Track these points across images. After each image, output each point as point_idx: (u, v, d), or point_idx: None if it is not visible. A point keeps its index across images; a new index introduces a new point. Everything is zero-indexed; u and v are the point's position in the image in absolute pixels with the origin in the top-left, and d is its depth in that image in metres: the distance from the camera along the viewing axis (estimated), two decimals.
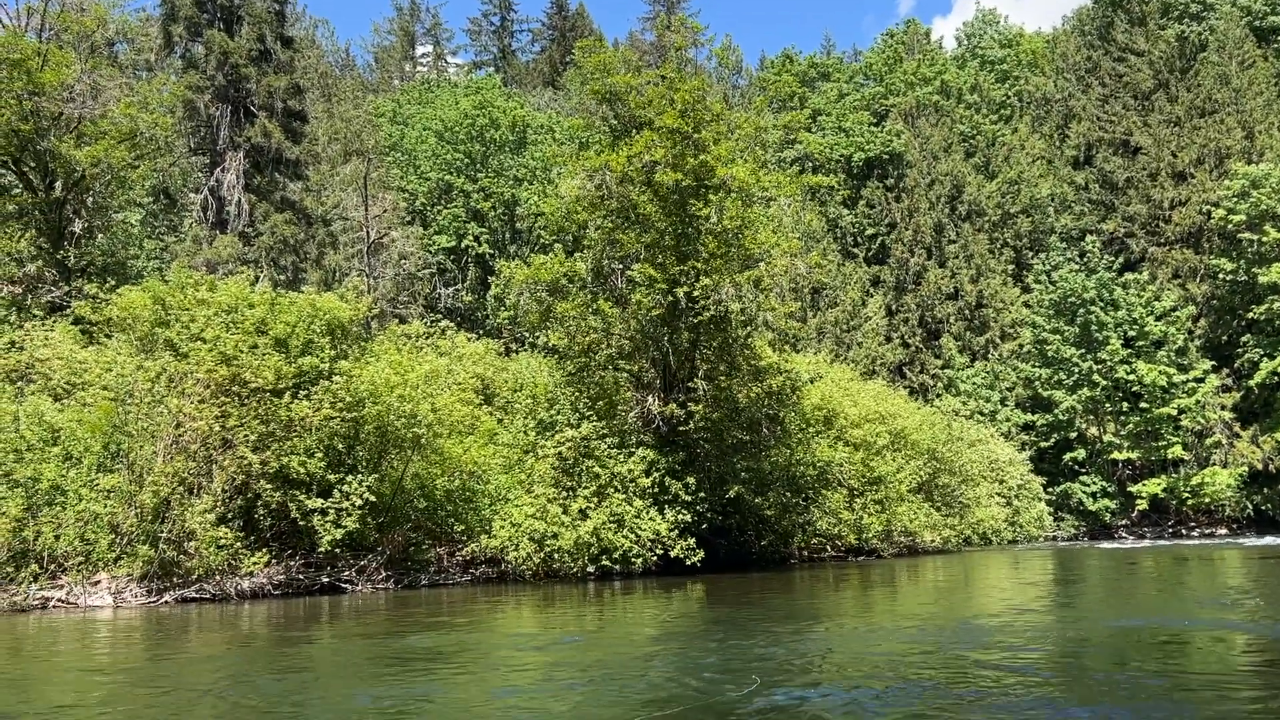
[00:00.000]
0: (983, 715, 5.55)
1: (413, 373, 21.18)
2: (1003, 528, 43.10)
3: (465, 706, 6.38)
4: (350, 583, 19.27)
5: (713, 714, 5.77)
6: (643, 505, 22.08)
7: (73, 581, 16.67)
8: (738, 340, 24.85)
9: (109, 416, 17.91)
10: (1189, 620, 10.98)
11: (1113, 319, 52.54)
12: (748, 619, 11.85)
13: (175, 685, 7.87)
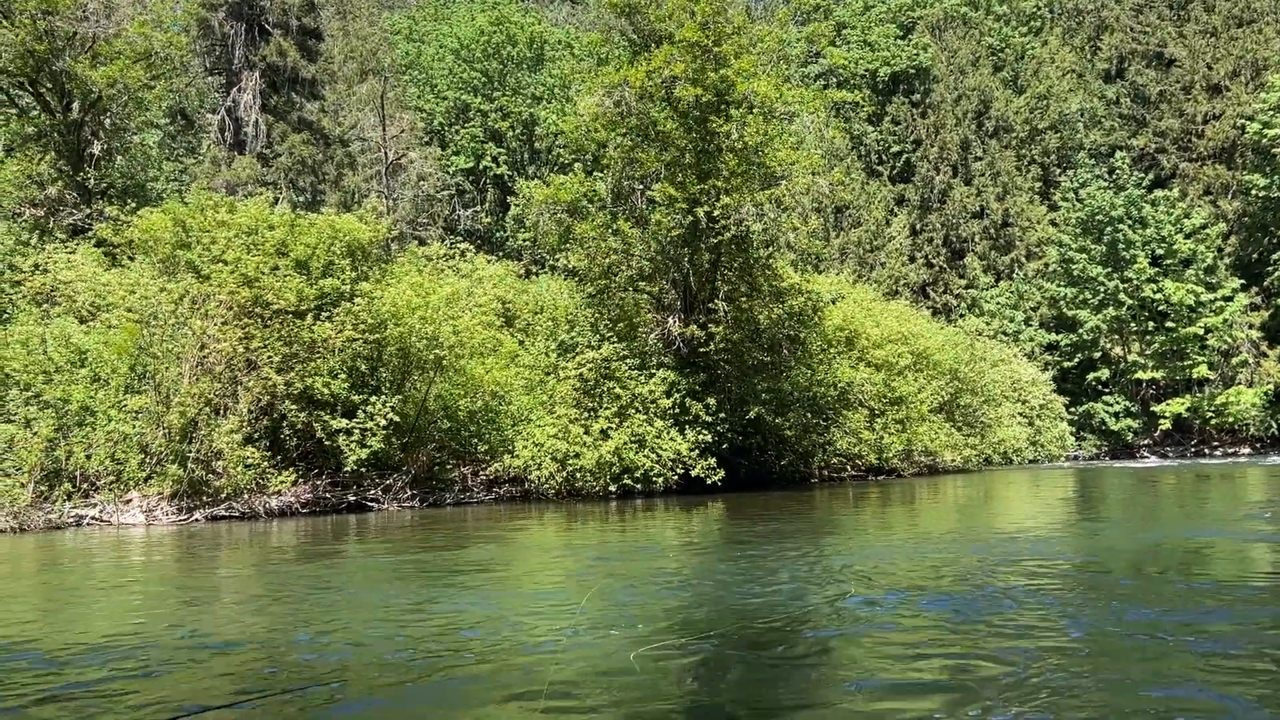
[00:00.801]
0: (1013, 615, 5.62)
1: (433, 295, 21.23)
2: (1024, 447, 43.18)
3: (507, 607, 6.52)
4: (376, 501, 19.58)
5: (747, 621, 5.86)
6: (663, 426, 22.22)
7: (105, 500, 17.03)
8: (759, 261, 24.67)
9: (134, 338, 18.09)
10: (1216, 531, 11.02)
11: (1141, 237, 51.74)
12: (769, 532, 11.99)
13: (214, 595, 8.08)
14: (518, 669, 4.97)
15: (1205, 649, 5.04)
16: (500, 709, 4.28)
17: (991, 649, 5.12)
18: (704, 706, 4.21)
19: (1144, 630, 5.55)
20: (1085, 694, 4.21)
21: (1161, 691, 4.27)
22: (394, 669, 5.03)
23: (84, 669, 5.15)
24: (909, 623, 5.98)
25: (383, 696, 4.54)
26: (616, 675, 4.71)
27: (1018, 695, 4.16)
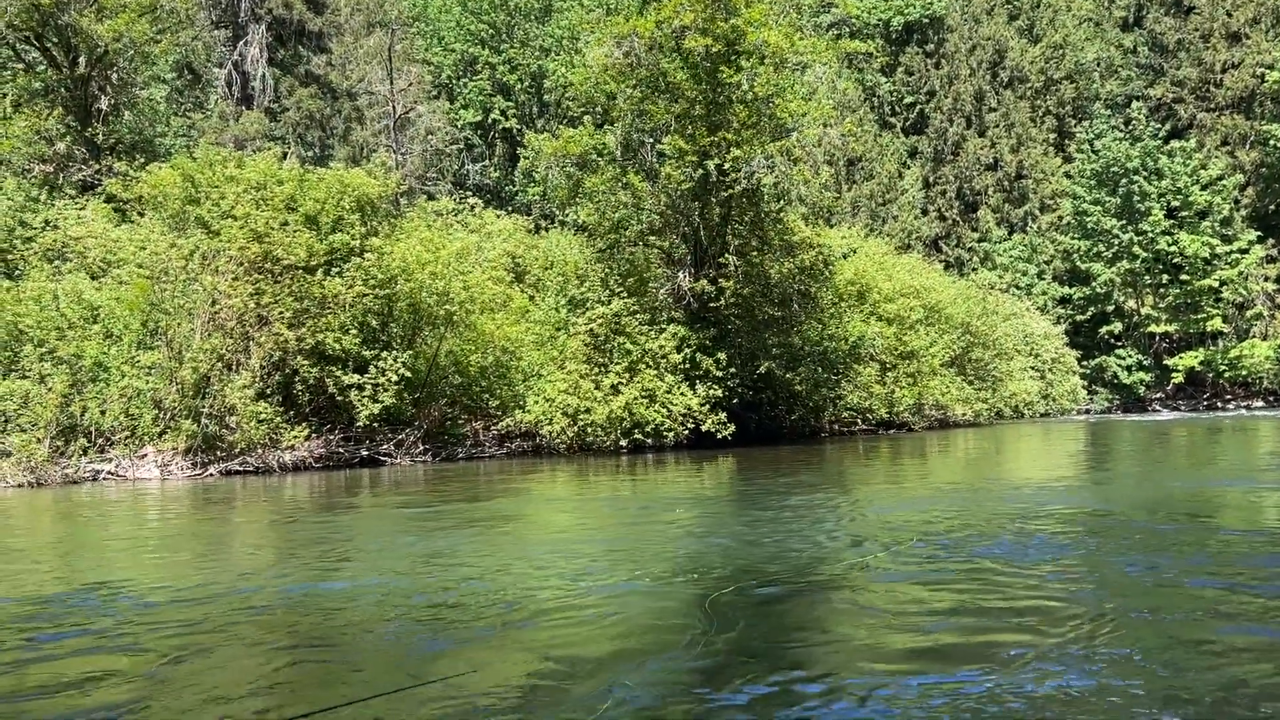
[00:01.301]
0: (1030, 561, 5.65)
1: (443, 250, 21.19)
2: (1035, 401, 43.11)
3: (524, 556, 6.58)
4: (389, 456, 19.72)
5: (753, 571, 5.89)
6: (674, 381, 22.24)
7: (120, 455, 17.18)
8: (770, 214, 24.51)
9: (145, 294, 18.15)
10: (1227, 481, 11.01)
11: (1156, 189, 51.15)
12: (778, 485, 12.04)
13: (230, 546, 8.17)
14: (574, 612, 5.02)
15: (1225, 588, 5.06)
16: (557, 649, 4.32)
17: (1031, 591, 5.15)
18: (778, 646, 4.25)
19: (1157, 573, 5.58)
20: (1119, 636, 4.24)
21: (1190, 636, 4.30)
22: (421, 613, 5.09)
23: (95, 615, 5.23)
24: (947, 568, 6.02)
25: (411, 639, 4.60)
26: (688, 616, 4.77)
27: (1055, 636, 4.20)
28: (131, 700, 3.71)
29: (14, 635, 4.93)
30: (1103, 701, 3.39)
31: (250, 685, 3.90)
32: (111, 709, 3.62)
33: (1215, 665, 3.89)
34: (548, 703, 3.52)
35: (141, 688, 3.89)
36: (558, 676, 3.90)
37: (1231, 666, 3.87)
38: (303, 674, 4.13)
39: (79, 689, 3.91)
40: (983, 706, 3.34)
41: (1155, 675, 3.73)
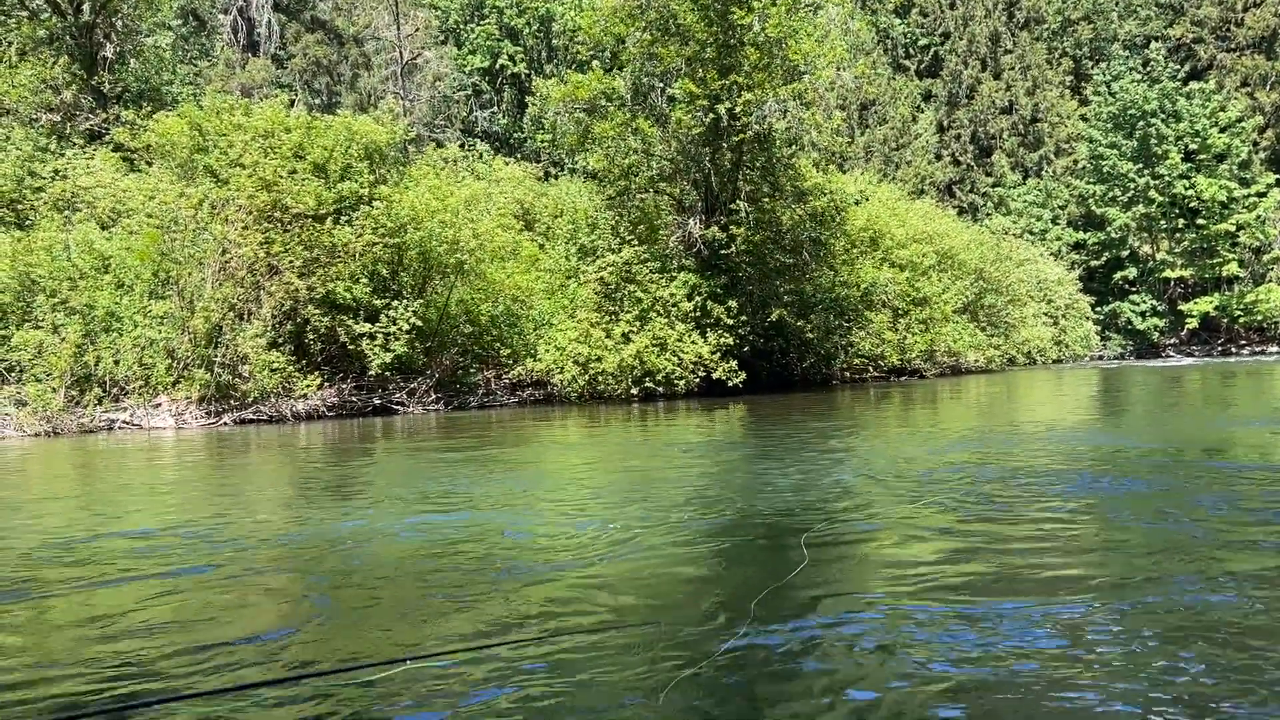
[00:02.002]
0: (1047, 499, 5.66)
1: (452, 198, 21.10)
2: (1048, 347, 42.93)
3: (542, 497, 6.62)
4: (401, 404, 19.81)
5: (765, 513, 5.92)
6: (685, 329, 22.19)
7: (135, 404, 17.30)
8: (781, 160, 24.24)
9: (156, 244, 18.13)
10: (1242, 423, 10.97)
11: (1174, 131, 50.38)
12: (790, 432, 12.06)
13: (253, 492, 8.24)
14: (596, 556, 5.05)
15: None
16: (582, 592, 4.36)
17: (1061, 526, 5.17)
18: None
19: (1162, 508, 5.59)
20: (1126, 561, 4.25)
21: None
22: (437, 557, 5.13)
23: (128, 556, 5.29)
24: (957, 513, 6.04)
25: (427, 581, 4.64)
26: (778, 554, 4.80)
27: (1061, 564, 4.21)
28: (293, 625, 3.80)
29: (147, 564, 5.03)
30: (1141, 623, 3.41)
31: (396, 617, 3.97)
32: (284, 628, 3.74)
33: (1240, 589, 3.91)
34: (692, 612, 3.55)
35: (287, 614, 3.99)
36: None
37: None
38: (440, 610, 4.19)
39: (243, 612, 4.00)
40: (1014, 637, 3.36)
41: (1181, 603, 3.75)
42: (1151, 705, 2.79)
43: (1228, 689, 2.91)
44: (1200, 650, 3.26)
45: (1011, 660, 3.18)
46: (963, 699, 2.87)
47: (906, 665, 3.17)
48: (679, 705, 2.86)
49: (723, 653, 3.31)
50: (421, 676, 3.20)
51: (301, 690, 3.12)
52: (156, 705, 3.00)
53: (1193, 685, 2.95)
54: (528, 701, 2.94)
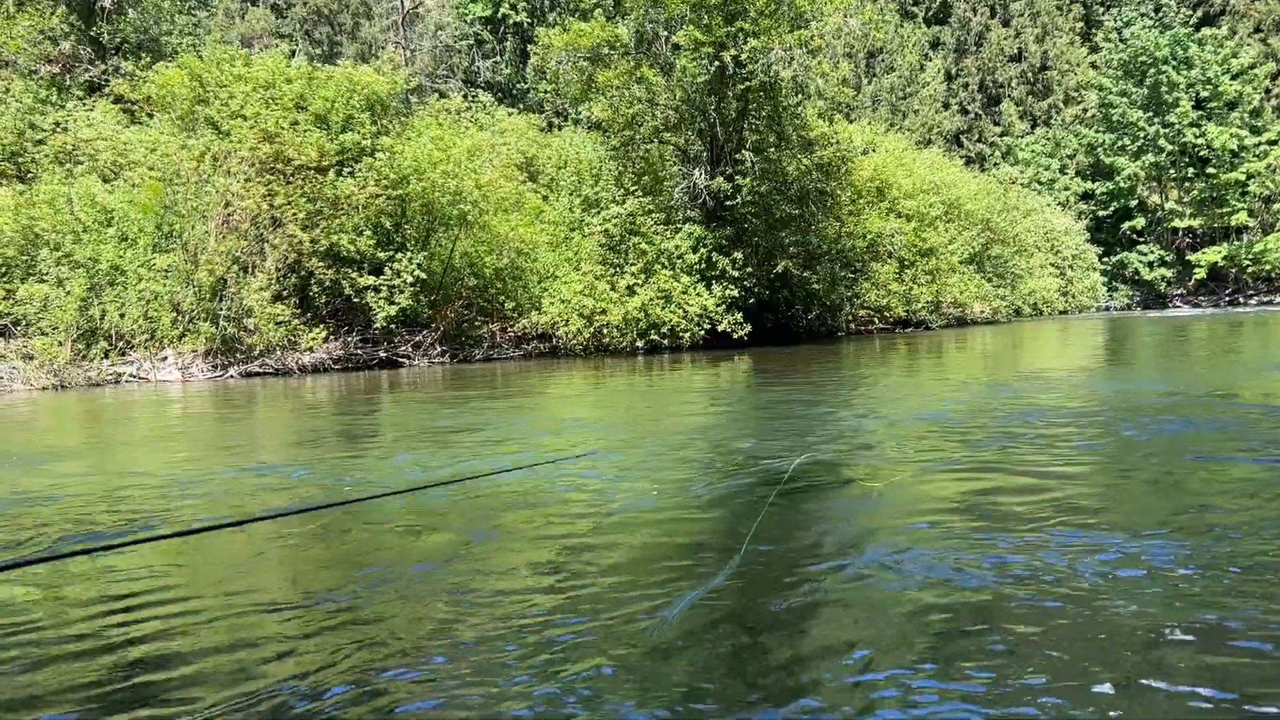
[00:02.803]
0: (1050, 442, 5.67)
1: (455, 149, 20.94)
2: (1054, 298, 42.81)
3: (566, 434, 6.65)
4: (407, 358, 19.83)
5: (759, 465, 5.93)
6: (690, 281, 22.13)
7: (141, 358, 17.34)
8: (787, 109, 23.98)
9: (158, 197, 18.06)
10: (1249, 370, 10.93)
11: (1185, 79, 49.75)
12: (796, 382, 12.06)
13: (263, 440, 8.28)
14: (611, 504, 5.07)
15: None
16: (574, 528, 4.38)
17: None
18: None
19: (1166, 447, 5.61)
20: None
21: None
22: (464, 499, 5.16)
23: (144, 500, 5.33)
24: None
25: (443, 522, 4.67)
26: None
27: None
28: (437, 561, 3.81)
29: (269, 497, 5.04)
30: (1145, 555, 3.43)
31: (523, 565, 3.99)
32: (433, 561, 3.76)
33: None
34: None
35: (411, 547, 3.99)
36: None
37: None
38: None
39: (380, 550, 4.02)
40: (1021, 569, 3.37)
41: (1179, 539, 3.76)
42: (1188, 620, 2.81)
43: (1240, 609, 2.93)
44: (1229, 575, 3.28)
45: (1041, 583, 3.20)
46: (989, 618, 2.89)
47: (925, 587, 3.18)
48: (684, 630, 2.88)
49: (723, 580, 3.33)
50: (417, 615, 3.22)
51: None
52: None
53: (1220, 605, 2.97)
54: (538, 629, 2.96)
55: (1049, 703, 2.42)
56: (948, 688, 2.50)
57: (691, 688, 2.56)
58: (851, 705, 2.43)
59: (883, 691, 2.49)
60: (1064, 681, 2.53)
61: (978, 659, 2.69)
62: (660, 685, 2.58)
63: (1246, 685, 2.50)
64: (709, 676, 2.63)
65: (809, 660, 2.73)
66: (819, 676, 2.63)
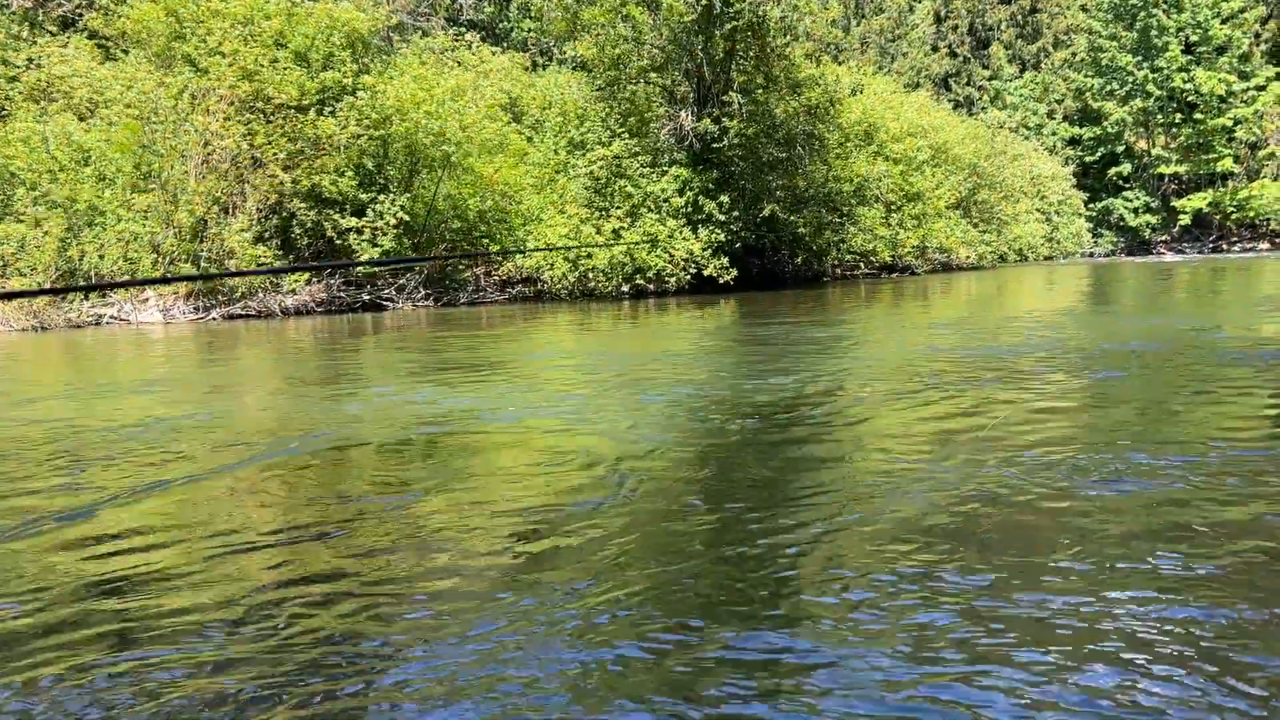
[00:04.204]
0: (1026, 376, 5.70)
1: (438, 88, 20.61)
2: (1039, 244, 42.84)
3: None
4: (391, 300, 19.72)
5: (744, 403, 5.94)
6: (676, 225, 21.99)
7: (122, 299, 17.18)
8: (775, 50, 23.64)
9: (136, 136, 17.76)
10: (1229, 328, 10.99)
11: (1175, 23, 49.39)
12: (781, 328, 12.06)
13: (240, 384, 8.24)
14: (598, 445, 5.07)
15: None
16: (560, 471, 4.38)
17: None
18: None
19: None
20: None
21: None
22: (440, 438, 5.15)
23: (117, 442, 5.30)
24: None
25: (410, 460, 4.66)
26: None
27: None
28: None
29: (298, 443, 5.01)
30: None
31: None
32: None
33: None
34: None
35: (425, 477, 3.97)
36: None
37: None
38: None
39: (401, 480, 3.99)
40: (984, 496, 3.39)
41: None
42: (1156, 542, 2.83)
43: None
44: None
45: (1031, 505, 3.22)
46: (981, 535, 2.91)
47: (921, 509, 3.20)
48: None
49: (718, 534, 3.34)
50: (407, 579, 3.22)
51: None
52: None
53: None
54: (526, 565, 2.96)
55: (1024, 598, 2.44)
56: (929, 596, 2.52)
57: (669, 609, 2.57)
58: (834, 617, 2.44)
59: (863, 596, 2.51)
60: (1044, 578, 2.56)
61: (960, 566, 2.71)
62: (626, 609, 2.59)
63: (1217, 581, 2.53)
64: (689, 600, 2.64)
65: (793, 579, 2.74)
66: (804, 593, 2.64)
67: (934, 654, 2.30)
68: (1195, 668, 2.20)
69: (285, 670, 2.34)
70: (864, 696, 2.11)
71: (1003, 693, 2.10)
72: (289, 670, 2.34)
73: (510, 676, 2.26)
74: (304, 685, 2.26)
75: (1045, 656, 2.27)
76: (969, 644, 2.34)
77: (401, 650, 2.44)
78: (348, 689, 2.24)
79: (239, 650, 2.45)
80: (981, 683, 2.15)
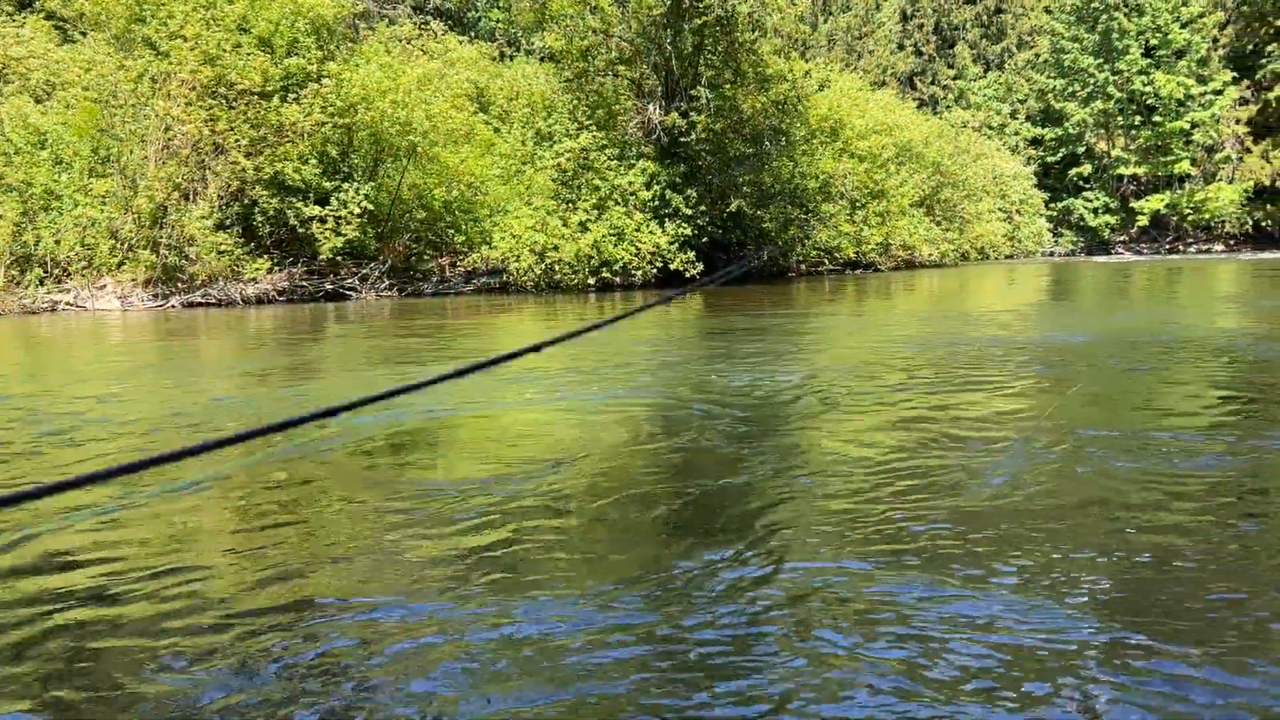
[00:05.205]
0: (985, 368, 5.76)
1: (404, 77, 20.43)
2: (1000, 243, 43.30)
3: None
4: (354, 290, 19.53)
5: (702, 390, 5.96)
6: (643, 219, 21.96)
7: (78, 286, 16.87)
8: (744, 45, 23.68)
9: (94, 119, 17.43)
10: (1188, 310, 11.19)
11: (1136, 26, 50.13)
12: (746, 321, 12.10)
13: (204, 372, 8.12)
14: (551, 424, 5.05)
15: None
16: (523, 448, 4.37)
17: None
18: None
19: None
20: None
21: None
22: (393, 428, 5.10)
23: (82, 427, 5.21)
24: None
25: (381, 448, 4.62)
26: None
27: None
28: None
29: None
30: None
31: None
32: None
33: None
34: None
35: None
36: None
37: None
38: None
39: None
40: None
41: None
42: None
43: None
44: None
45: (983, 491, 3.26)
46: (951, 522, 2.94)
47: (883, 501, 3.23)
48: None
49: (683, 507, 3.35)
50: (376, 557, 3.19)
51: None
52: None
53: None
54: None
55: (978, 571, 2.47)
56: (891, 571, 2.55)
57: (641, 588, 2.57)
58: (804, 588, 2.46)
59: (831, 578, 2.53)
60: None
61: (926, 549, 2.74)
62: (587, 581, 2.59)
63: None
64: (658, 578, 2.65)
65: (753, 570, 2.75)
66: (767, 572, 2.65)
67: (885, 640, 2.32)
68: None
69: (237, 676, 2.31)
70: (806, 684, 2.12)
71: (945, 678, 2.13)
72: (240, 676, 2.31)
73: (474, 670, 2.25)
74: (260, 689, 2.23)
75: (982, 651, 2.30)
76: (916, 637, 2.36)
77: (354, 653, 2.42)
78: (310, 689, 2.22)
79: (181, 658, 2.42)
80: (933, 674, 2.17)
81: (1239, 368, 7.13)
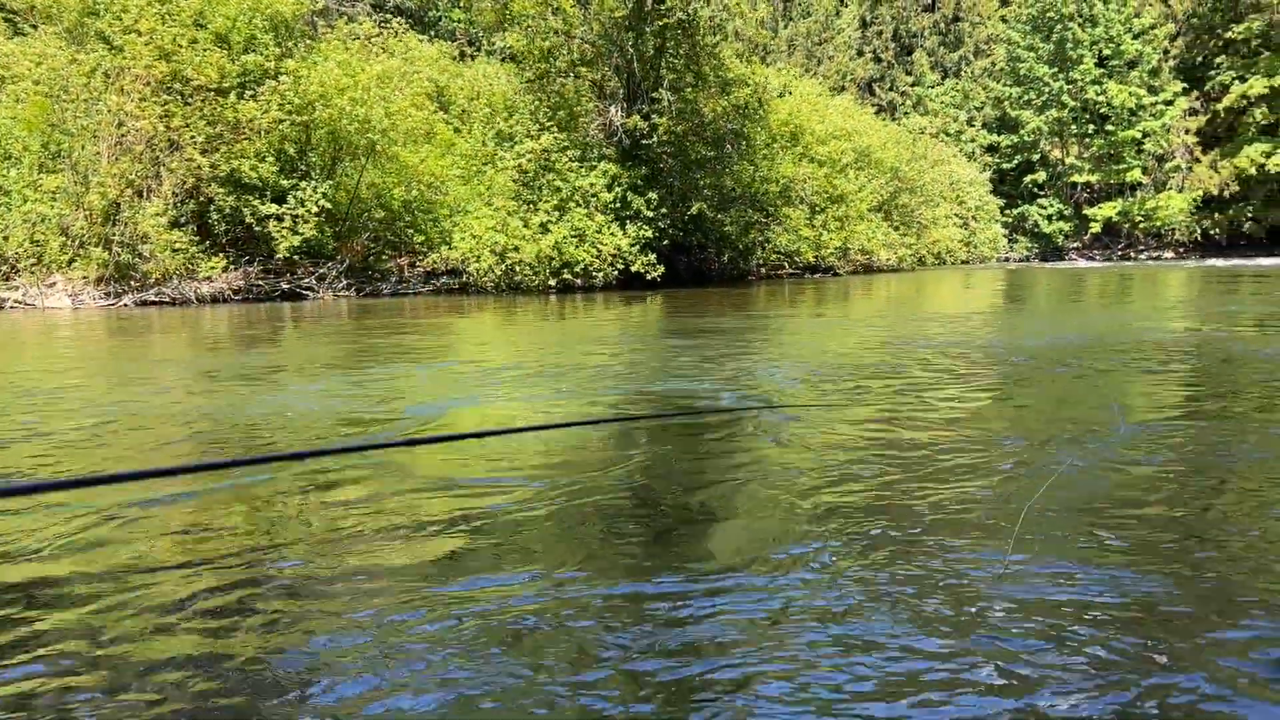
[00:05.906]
0: (936, 366, 5.83)
1: (363, 74, 20.26)
2: (957, 248, 43.83)
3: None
4: (311, 290, 19.32)
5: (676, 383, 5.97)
6: (604, 221, 21.96)
7: (28, 283, 16.53)
8: (705, 49, 23.77)
9: (45, 114, 17.09)
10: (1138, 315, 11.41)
11: (1089, 36, 51.07)
12: (706, 322, 12.14)
13: (155, 374, 7.98)
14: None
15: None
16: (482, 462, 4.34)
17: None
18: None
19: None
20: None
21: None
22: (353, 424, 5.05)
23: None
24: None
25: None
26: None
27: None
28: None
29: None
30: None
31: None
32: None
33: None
34: None
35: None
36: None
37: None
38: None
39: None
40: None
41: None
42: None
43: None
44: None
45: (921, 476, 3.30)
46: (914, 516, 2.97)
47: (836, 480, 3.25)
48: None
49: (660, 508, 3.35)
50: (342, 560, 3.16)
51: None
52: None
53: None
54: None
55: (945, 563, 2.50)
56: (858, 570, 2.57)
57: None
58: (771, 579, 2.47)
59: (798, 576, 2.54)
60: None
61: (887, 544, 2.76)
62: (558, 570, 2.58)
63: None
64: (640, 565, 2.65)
65: (722, 567, 2.76)
66: (733, 576, 2.66)
67: (861, 633, 2.34)
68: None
69: (203, 684, 2.27)
70: (784, 677, 2.13)
71: (922, 673, 2.15)
72: (207, 683, 2.28)
73: (441, 676, 2.23)
74: (225, 697, 2.20)
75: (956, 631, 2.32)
76: (893, 632, 2.38)
77: (322, 659, 2.40)
78: (272, 700, 2.19)
79: (144, 664, 2.38)
80: (905, 665, 2.19)
81: (1201, 366, 7.29)
